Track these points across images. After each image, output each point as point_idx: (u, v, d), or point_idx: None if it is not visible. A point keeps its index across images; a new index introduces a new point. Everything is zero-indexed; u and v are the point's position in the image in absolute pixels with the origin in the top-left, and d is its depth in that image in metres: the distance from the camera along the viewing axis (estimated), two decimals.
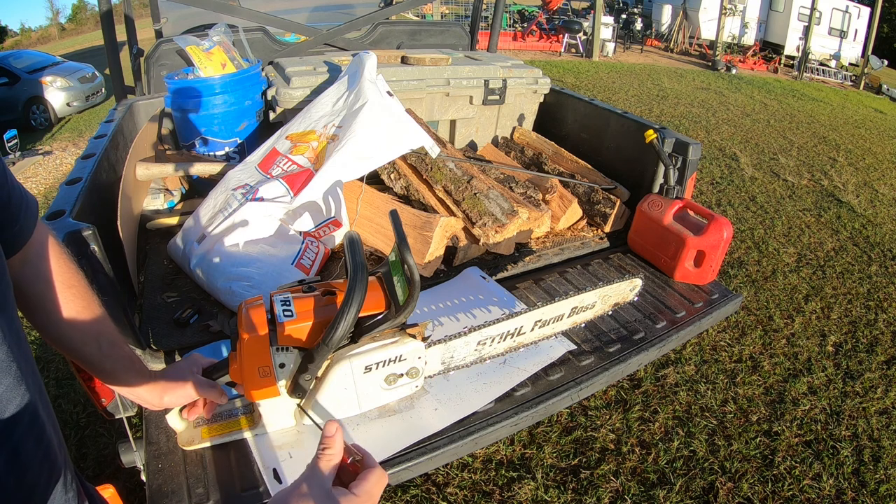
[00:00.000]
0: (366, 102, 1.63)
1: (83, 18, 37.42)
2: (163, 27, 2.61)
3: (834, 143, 6.61)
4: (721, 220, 1.61)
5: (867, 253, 3.76)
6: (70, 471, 0.56)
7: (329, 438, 0.53)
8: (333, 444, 0.53)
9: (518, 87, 2.28)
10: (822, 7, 12.86)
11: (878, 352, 2.69)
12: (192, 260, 1.42)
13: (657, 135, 1.76)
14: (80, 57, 10.43)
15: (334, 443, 0.53)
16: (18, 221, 0.57)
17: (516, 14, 12.87)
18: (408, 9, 4.82)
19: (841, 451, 2.07)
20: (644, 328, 1.46)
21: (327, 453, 0.52)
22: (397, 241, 0.92)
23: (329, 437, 0.53)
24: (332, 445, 0.53)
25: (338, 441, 0.53)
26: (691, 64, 12.31)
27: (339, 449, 0.53)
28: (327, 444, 0.53)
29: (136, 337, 1.16)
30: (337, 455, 0.53)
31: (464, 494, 1.79)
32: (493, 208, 1.63)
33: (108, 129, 1.65)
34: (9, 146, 5.12)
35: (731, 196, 4.54)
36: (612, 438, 2.03)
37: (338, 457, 0.53)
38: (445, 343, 1.09)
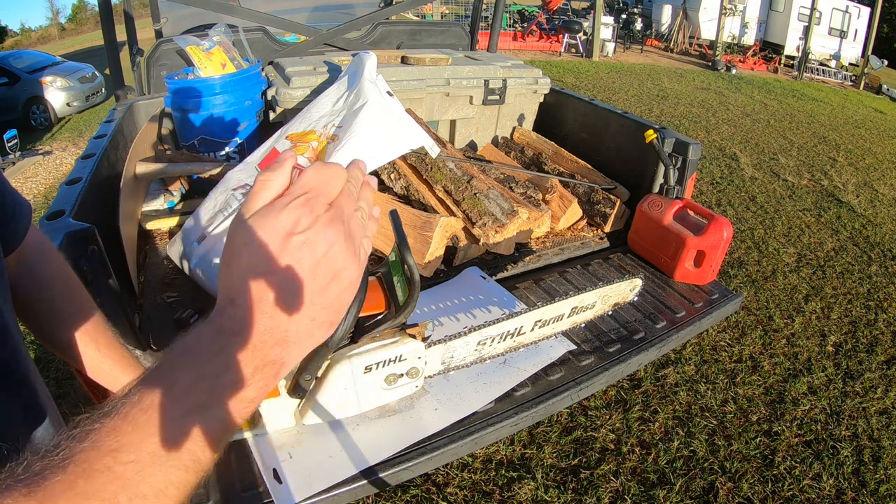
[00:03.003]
0: (366, 102, 1.63)
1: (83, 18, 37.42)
2: (163, 27, 2.61)
3: (834, 143, 6.61)
4: (721, 220, 1.61)
5: (867, 253, 3.76)
6: None
7: (277, 165, 0.38)
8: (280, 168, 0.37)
9: (518, 87, 2.28)
10: (822, 7, 12.86)
11: (878, 352, 2.69)
12: (192, 260, 1.42)
13: (657, 135, 1.76)
14: (80, 57, 10.42)
15: (281, 167, 0.38)
16: (12, 222, 0.57)
17: (516, 14, 12.86)
18: (408, 9, 4.82)
19: (841, 451, 2.07)
20: (644, 328, 1.45)
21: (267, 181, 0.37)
22: (397, 241, 0.92)
23: (277, 164, 0.38)
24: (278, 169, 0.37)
25: (286, 166, 0.38)
26: (691, 64, 12.31)
27: (283, 175, 0.37)
28: (272, 169, 0.37)
29: (136, 337, 1.16)
30: (280, 183, 0.37)
31: (464, 494, 1.79)
32: (493, 208, 1.63)
33: (108, 129, 1.65)
34: (9, 146, 5.12)
35: (731, 196, 4.54)
36: (612, 438, 2.03)
37: (280, 185, 0.37)
38: (445, 343, 1.09)
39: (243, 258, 0.35)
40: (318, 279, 0.36)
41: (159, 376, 0.33)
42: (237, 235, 0.36)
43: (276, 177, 0.37)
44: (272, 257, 0.34)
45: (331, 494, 0.94)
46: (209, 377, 0.33)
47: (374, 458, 1.01)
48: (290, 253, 0.35)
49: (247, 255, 0.35)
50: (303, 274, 0.35)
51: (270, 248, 0.34)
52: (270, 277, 0.34)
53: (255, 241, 0.35)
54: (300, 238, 0.35)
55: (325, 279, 0.36)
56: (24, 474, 0.28)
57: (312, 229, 0.35)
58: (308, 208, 0.35)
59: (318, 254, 0.35)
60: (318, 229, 0.35)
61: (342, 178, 0.38)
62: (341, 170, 0.39)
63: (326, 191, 0.37)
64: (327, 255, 0.36)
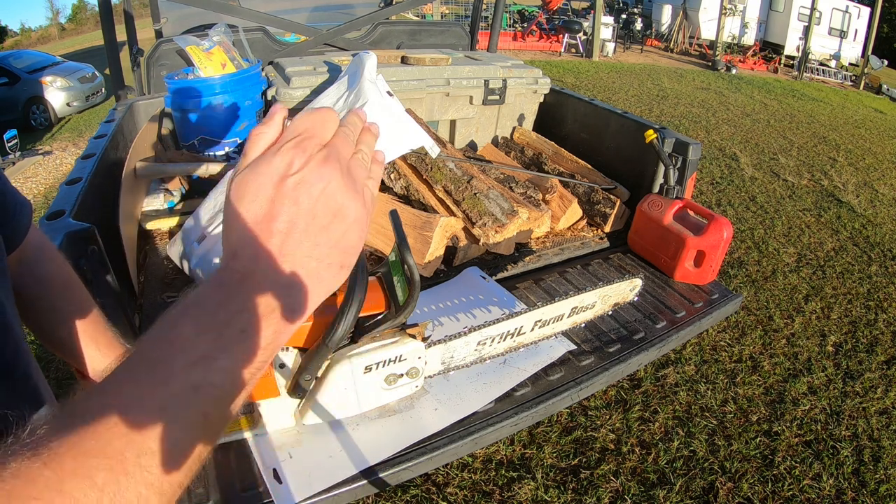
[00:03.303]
0: (366, 102, 1.63)
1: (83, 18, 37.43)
2: (163, 27, 2.61)
3: (834, 143, 6.61)
4: (721, 220, 1.61)
5: (867, 253, 3.76)
6: None
7: (267, 119, 0.38)
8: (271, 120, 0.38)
9: (518, 87, 2.28)
10: (822, 7, 12.86)
11: (878, 352, 2.69)
12: (192, 260, 1.42)
13: (657, 135, 1.76)
14: (80, 57, 10.43)
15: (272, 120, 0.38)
16: (13, 222, 0.57)
17: (516, 14, 12.86)
18: (408, 9, 4.82)
19: (841, 451, 2.07)
20: (644, 328, 1.45)
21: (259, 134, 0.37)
22: (397, 241, 0.92)
23: (267, 118, 0.38)
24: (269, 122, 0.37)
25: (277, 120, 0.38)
26: (691, 64, 12.31)
27: (274, 127, 0.37)
28: (263, 124, 0.37)
29: (136, 337, 1.16)
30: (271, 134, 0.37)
31: (464, 494, 1.79)
32: (493, 208, 1.63)
33: (108, 129, 1.65)
34: (9, 146, 5.12)
35: (731, 196, 4.54)
36: (612, 438, 2.03)
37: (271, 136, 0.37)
38: (445, 343, 1.09)
39: (241, 210, 0.34)
40: (319, 218, 0.35)
41: (160, 331, 0.32)
42: (233, 191, 0.35)
43: (267, 129, 0.36)
44: (268, 202, 0.34)
45: (331, 494, 0.94)
46: (214, 328, 0.32)
47: (374, 458, 1.01)
48: (286, 194, 0.34)
49: (244, 206, 0.34)
50: (302, 214, 0.34)
51: (266, 193, 0.34)
52: (269, 223, 0.34)
53: (251, 190, 0.34)
54: (294, 178, 0.34)
55: (326, 217, 0.35)
56: (30, 438, 0.27)
57: (306, 168, 0.35)
58: (300, 149, 0.35)
59: (314, 192, 0.34)
60: (311, 167, 0.35)
61: (334, 122, 0.38)
62: (333, 114, 0.38)
63: (319, 133, 0.36)
64: (325, 192, 0.35)
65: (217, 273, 0.34)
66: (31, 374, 0.51)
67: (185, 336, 0.32)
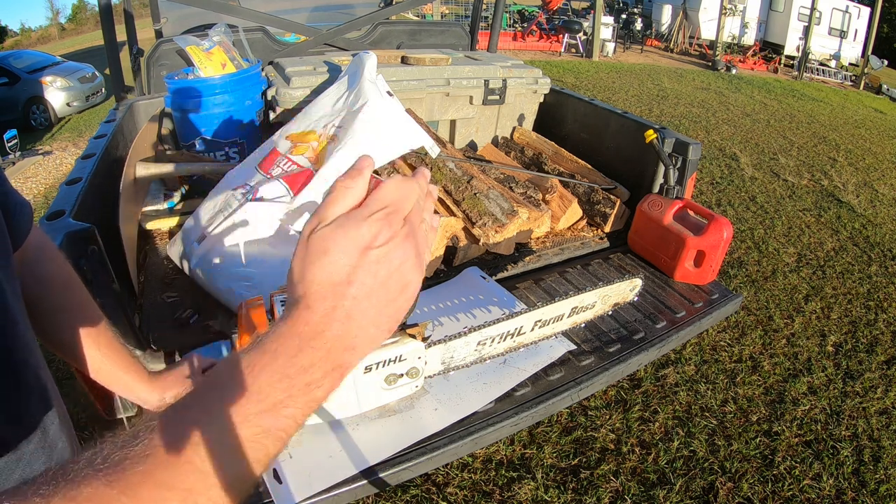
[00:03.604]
0: (366, 102, 1.63)
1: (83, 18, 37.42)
2: (163, 27, 2.61)
3: (834, 143, 6.61)
4: (721, 220, 1.61)
5: (867, 253, 3.76)
6: None
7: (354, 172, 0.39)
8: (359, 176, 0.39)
9: (518, 87, 2.28)
10: (822, 7, 12.86)
11: (878, 352, 2.69)
12: (192, 260, 1.42)
13: (657, 135, 1.76)
14: (80, 57, 10.42)
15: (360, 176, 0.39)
16: (16, 221, 0.57)
17: (516, 14, 12.86)
18: (408, 9, 4.82)
19: (841, 451, 2.07)
20: (644, 328, 1.45)
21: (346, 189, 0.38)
22: None
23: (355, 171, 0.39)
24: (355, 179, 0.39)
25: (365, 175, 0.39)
26: (691, 64, 12.31)
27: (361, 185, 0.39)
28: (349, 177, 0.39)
29: (136, 337, 1.16)
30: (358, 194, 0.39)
31: (464, 494, 1.79)
32: (493, 208, 1.63)
33: (108, 129, 1.65)
34: (9, 146, 5.12)
35: (731, 196, 4.54)
36: (612, 438, 2.03)
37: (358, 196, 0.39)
38: (445, 343, 1.09)
39: (321, 266, 0.37)
40: (390, 291, 0.38)
41: (239, 374, 0.35)
42: (316, 241, 0.37)
43: (357, 185, 0.38)
44: (350, 267, 0.36)
45: (331, 494, 0.94)
46: (288, 378, 0.35)
47: (374, 458, 1.01)
48: (368, 265, 0.36)
49: (325, 264, 0.36)
50: (376, 286, 0.37)
51: (349, 259, 0.36)
52: (346, 287, 0.36)
53: (335, 250, 0.36)
54: (378, 252, 0.37)
55: (395, 291, 0.38)
56: (104, 464, 0.29)
57: (390, 244, 0.37)
58: (387, 223, 0.37)
59: (392, 268, 0.37)
60: (394, 245, 0.37)
61: (416, 194, 0.40)
62: (416, 185, 0.40)
63: (403, 206, 0.39)
64: (399, 270, 0.38)
65: (290, 320, 0.37)
66: (40, 375, 0.51)
67: (260, 385, 0.35)
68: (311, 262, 0.37)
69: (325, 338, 0.36)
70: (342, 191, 0.38)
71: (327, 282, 0.36)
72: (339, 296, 0.36)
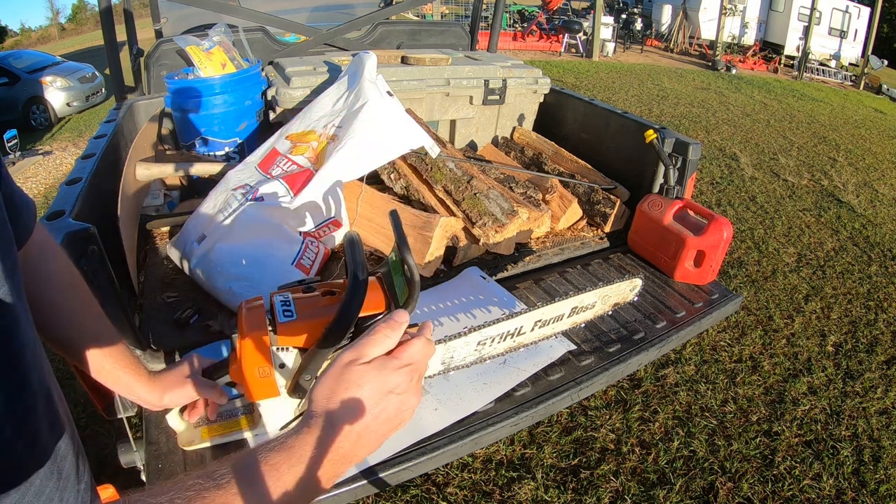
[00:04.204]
0: (366, 102, 1.63)
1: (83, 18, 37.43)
2: (163, 27, 2.61)
3: (834, 143, 6.61)
4: (721, 220, 1.61)
5: (867, 253, 3.76)
6: (84, 461, 0.56)
7: (393, 324, 0.53)
8: (394, 332, 0.53)
9: (518, 87, 2.28)
10: (822, 7, 12.86)
11: (878, 352, 2.69)
12: (192, 260, 1.42)
13: (657, 135, 1.76)
14: (80, 57, 10.42)
15: (395, 332, 0.53)
16: (20, 219, 0.57)
17: (516, 14, 12.86)
18: (408, 9, 4.82)
19: (841, 451, 2.07)
20: (644, 328, 1.45)
21: (386, 338, 0.53)
22: (397, 241, 0.92)
23: (394, 323, 0.53)
24: (392, 333, 0.53)
25: (400, 331, 0.54)
26: (691, 64, 12.31)
27: (395, 339, 0.54)
28: (389, 328, 0.53)
29: (136, 337, 1.16)
30: (390, 344, 0.53)
31: (464, 494, 1.79)
32: (493, 208, 1.63)
33: (108, 129, 1.65)
34: (9, 146, 5.12)
35: (731, 196, 4.54)
36: (612, 438, 2.03)
37: (390, 345, 0.53)
38: (445, 343, 1.09)
39: (351, 394, 0.49)
40: (392, 424, 0.52)
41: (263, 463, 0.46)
42: (354, 374, 0.50)
43: (394, 337, 0.53)
44: (374, 402, 0.50)
45: (331, 494, 0.94)
46: (299, 472, 0.46)
47: (374, 458, 1.01)
48: (387, 404, 0.50)
49: (354, 394, 0.49)
50: (385, 420, 0.51)
51: (377, 396, 0.50)
52: (364, 418, 0.49)
53: (367, 388, 0.50)
54: (398, 398, 0.51)
55: (395, 424, 0.52)
56: None
57: (406, 394, 0.52)
58: (409, 377, 0.52)
59: (401, 409, 0.51)
60: (409, 394, 0.52)
61: (432, 354, 0.56)
62: (433, 348, 0.56)
63: (422, 364, 0.54)
64: (407, 409, 0.52)
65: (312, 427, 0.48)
66: (44, 378, 0.51)
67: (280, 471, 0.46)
68: (346, 389, 0.49)
69: (334, 449, 0.48)
70: (382, 338, 0.53)
71: (353, 409, 0.49)
72: (359, 417, 0.48)
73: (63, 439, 0.51)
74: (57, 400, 0.52)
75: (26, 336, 0.46)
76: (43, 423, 0.48)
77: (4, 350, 0.43)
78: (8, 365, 0.43)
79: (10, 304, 0.44)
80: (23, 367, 0.45)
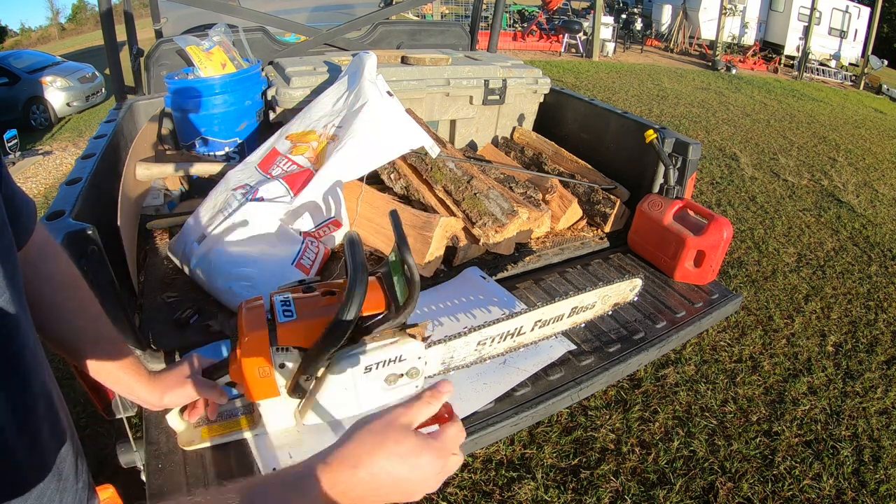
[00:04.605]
0: (366, 102, 1.63)
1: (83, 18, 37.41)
2: (163, 27, 2.61)
3: (834, 143, 6.61)
4: (721, 220, 1.61)
5: (867, 253, 3.76)
6: (82, 461, 0.56)
7: (439, 394, 0.55)
8: (437, 400, 0.55)
9: (518, 87, 2.28)
10: (822, 7, 12.86)
11: (878, 352, 2.69)
12: (192, 260, 1.42)
13: (657, 135, 1.76)
14: (80, 57, 10.42)
15: (438, 400, 0.55)
16: (21, 219, 0.57)
17: (516, 14, 12.86)
18: (408, 9, 4.82)
19: (841, 451, 2.07)
20: (644, 328, 1.45)
21: (428, 404, 0.54)
22: (397, 241, 0.92)
23: (437, 392, 0.55)
24: (435, 401, 0.55)
25: (442, 400, 0.56)
26: (691, 64, 12.31)
27: (438, 406, 0.55)
28: (433, 396, 0.55)
29: (136, 337, 1.16)
30: (433, 410, 0.55)
31: (464, 494, 1.79)
32: (493, 208, 1.63)
33: (108, 129, 1.65)
34: (9, 146, 5.12)
35: (731, 196, 4.54)
36: (612, 438, 2.03)
37: (433, 412, 0.55)
38: (445, 343, 1.09)
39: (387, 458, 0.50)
40: (405, 496, 0.52)
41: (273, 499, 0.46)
42: (399, 438, 0.51)
43: (437, 404, 0.55)
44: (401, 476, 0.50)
45: None
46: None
47: None
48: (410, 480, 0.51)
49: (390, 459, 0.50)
50: (402, 492, 0.51)
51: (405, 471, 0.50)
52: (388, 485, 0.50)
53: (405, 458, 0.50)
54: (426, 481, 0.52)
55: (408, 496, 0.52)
56: None
57: (436, 478, 0.53)
58: (442, 465, 0.53)
59: (421, 488, 0.52)
60: (433, 480, 0.53)
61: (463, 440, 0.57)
62: (464, 433, 0.57)
63: (454, 448, 0.55)
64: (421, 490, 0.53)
65: (335, 471, 0.48)
66: (45, 379, 0.51)
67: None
68: (386, 450, 0.50)
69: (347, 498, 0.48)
70: (426, 405, 0.54)
71: (383, 473, 0.49)
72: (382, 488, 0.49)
73: (63, 441, 0.51)
74: (57, 402, 0.52)
75: (26, 338, 0.46)
76: (44, 425, 0.48)
77: (4, 352, 0.43)
78: (8, 367, 0.43)
79: (9, 307, 0.44)
80: (23, 369, 0.45)
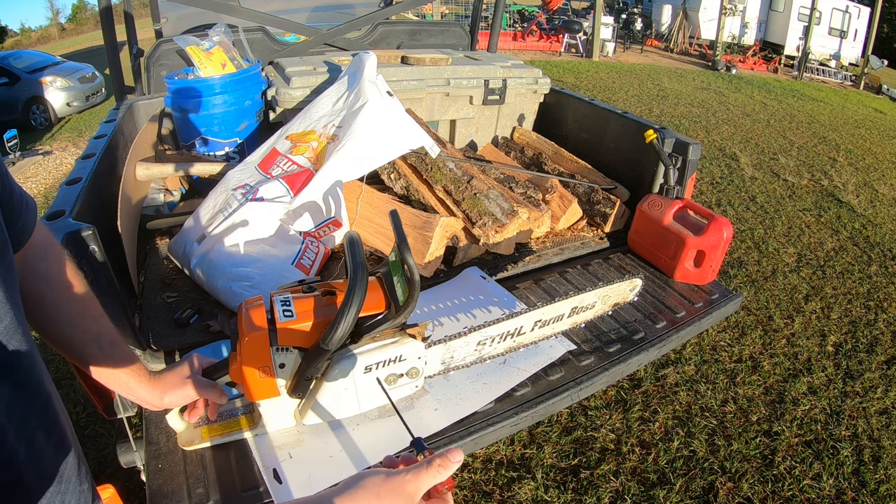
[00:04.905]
0: (366, 102, 1.63)
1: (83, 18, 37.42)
2: (163, 27, 2.61)
3: (834, 143, 6.61)
4: (721, 220, 1.61)
5: (867, 253, 3.76)
6: (84, 462, 0.56)
7: (449, 463, 0.56)
8: (446, 471, 0.56)
9: (518, 87, 2.28)
10: (822, 7, 12.86)
11: (878, 352, 2.69)
12: (192, 260, 1.42)
13: (657, 135, 1.76)
14: (80, 57, 10.42)
15: (447, 470, 0.56)
16: (21, 219, 0.57)
17: (516, 14, 12.86)
18: (408, 9, 4.82)
19: (841, 451, 2.07)
20: (644, 328, 1.45)
21: (437, 474, 0.56)
22: (397, 241, 0.92)
23: (447, 462, 0.56)
24: (444, 471, 0.56)
25: (451, 471, 0.57)
26: (691, 64, 12.31)
27: (446, 477, 0.57)
28: (443, 466, 0.56)
29: (136, 337, 1.16)
30: (441, 479, 0.56)
31: (464, 494, 1.79)
32: (493, 208, 1.63)
33: (108, 129, 1.65)
34: (9, 146, 5.12)
35: (731, 196, 4.54)
36: (612, 438, 2.03)
37: (440, 481, 0.56)
38: (445, 343, 1.09)
39: None
40: None
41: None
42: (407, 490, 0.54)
43: (447, 472, 0.57)
44: None
45: None
46: None
47: (374, 458, 1.01)
48: None
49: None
50: None
51: None
52: None
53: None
54: None
55: None
56: None
57: None
58: None
59: None
60: None
61: None
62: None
63: None
64: None
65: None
66: (43, 381, 0.51)
67: None
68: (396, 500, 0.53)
69: None
70: (438, 471, 0.56)
71: None
72: None
73: (62, 443, 0.51)
74: (56, 403, 0.51)
75: (22, 341, 0.46)
76: (42, 427, 0.48)
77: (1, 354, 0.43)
78: (5, 369, 0.43)
79: (5, 309, 0.44)
80: (20, 371, 0.45)
